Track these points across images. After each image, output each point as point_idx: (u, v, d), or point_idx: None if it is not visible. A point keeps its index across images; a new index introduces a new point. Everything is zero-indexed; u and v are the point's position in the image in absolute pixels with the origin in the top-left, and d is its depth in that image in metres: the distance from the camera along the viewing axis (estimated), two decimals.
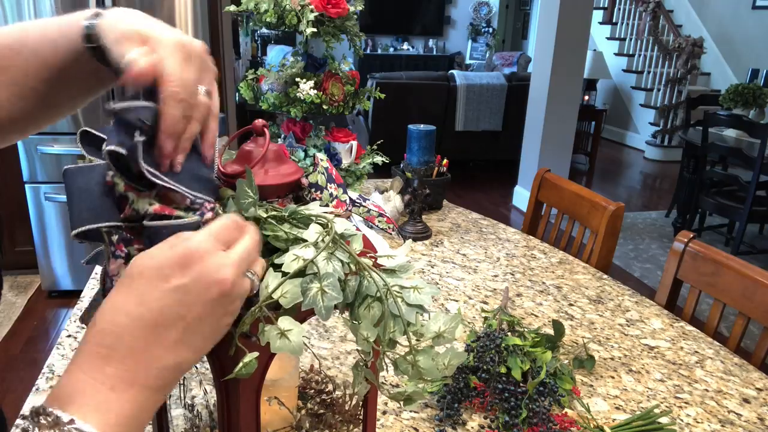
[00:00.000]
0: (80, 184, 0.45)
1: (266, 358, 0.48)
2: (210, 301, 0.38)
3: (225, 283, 0.39)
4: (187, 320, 0.38)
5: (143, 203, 0.43)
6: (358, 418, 0.70)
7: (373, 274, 0.46)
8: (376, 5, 8.32)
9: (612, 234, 1.49)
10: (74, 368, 0.37)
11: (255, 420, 0.49)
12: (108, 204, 0.44)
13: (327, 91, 1.45)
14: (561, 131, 4.26)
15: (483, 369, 0.88)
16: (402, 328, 0.45)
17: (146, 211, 0.43)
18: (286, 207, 0.49)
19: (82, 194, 0.44)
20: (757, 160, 3.20)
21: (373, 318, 0.45)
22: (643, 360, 1.03)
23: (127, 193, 0.43)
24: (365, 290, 0.45)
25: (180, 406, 0.81)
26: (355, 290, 0.45)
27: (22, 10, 2.44)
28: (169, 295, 0.38)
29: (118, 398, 0.36)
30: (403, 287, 0.46)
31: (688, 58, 6.07)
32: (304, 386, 0.77)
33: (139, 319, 0.37)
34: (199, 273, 0.38)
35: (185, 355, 0.38)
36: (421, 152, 1.52)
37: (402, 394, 0.47)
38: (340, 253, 0.46)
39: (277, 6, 1.39)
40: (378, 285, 0.45)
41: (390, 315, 0.45)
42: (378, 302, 0.45)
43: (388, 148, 1.75)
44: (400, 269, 0.48)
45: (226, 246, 0.41)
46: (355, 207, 0.60)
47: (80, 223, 0.43)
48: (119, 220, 0.44)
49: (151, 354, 0.37)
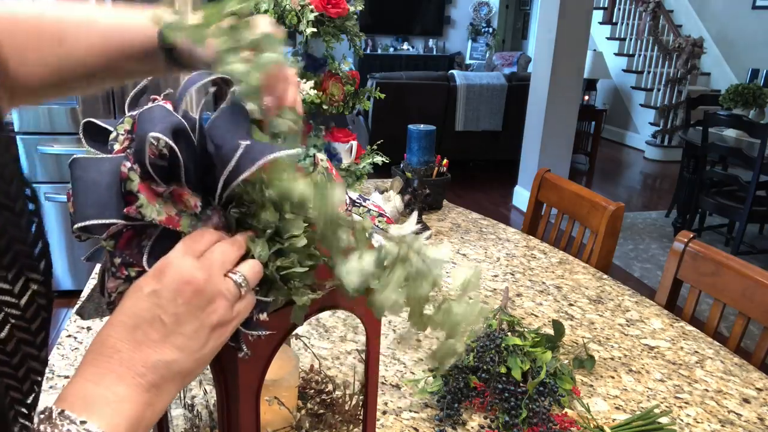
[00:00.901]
0: (88, 175, 0.44)
1: (266, 358, 0.48)
2: (184, 302, 0.41)
3: (195, 282, 0.41)
4: (164, 320, 0.40)
5: (151, 210, 0.43)
6: (358, 418, 0.70)
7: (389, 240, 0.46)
8: (376, 5, 8.32)
9: (612, 234, 1.49)
10: (78, 378, 0.39)
11: (255, 420, 0.49)
12: (114, 199, 0.44)
13: (327, 91, 1.45)
14: (561, 131, 4.26)
15: (483, 369, 0.88)
16: (430, 281, 0.45)
17: (153, 220, 0.43)
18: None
19: (88, 186, 0.44)
20: (757, 160, 3.20)
21: (399, 281, 0.45)
22: (643, 360, 1.03)
23: (139, 193, 0.43)
24: (384, 257, 0.46)
25: (180, 406, 0.81)
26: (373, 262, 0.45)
27: None
28: (144, 299, 0.41)
29: (120, 400, 0.38)
30: (420, 247, 0.47)
31: (688, 58, 6.07)
32: (304, 386, 0.77)
33: (121, 324, 0.40)
34: (170, 277, 0.41)
35: (172, 354, 0.40)
36: (421, 152, 1.52)
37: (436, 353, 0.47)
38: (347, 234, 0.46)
39: (277, 6, 1.39)
40: (399, 246, 0.46)
41: (417, 271, 0.45)
42: (400, 264, 0.45)
43: (388, 148, 1.75)
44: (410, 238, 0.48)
45: (200, 253, 0.43)
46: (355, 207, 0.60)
47: (84, 218, 0.43)
48: (123, 217, 0.43)
49: (138, 353, 0.40)
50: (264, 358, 0.48)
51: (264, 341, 0.47)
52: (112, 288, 0.44)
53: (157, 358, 0.40)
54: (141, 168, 0.43)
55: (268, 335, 0.46)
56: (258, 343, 0.46)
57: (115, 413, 0.37)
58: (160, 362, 0.40)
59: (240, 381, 0.46)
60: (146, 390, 0.39)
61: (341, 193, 0.45)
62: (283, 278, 0.45)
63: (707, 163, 3.72)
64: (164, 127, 0.42)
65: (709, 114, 3.51)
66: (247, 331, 0.45)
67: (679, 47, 6.16)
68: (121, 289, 0.44)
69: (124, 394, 0.38)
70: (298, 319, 0.47)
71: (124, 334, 0.40)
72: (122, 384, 0.38)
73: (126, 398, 0.38)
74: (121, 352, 0.39)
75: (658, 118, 6.52)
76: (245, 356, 0.45)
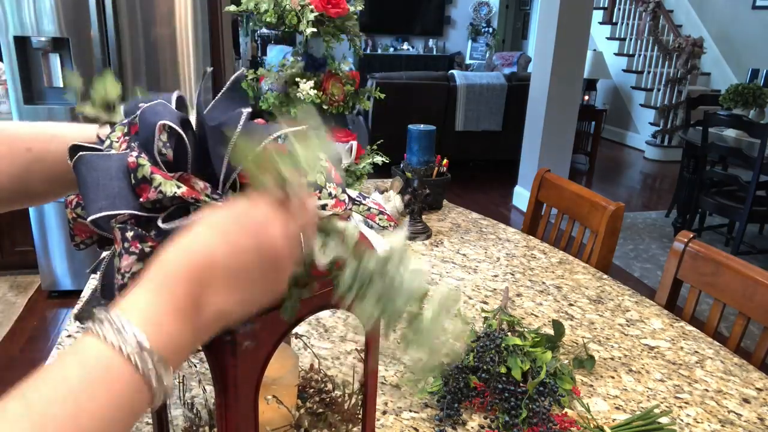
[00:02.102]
0: (96, 171, 0.45)
1: (265, 356, 0.48)
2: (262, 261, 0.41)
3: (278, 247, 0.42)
4: (236, 271, 0.40)
5: (170, 186, 0.43)
6: (358, 417, 0.70)
7: (370, 253, 0.46)
8: (376, 5, 8.32)
9: (612, 234, 1.49)
10: (137, 292, 0.38)
11: (254, 418, 0.49)
12: (125, 192, 0.44)
13: (327, 91, 1.45)
14: (561, 131, 4.26)
15: (483, 369, 0.88)
16: (404, 298, 0.45)
17: (174, 193, 0.43)
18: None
19: (98, 182, 0.44)
20: (757, 160, 3.20)
21: (376, 293, 0.45)
22: (643, 360, 1.03)
23: (153, 175, 0.43)
24: (363, 269, 0.46)
25: (180, 405, 0.81)
26: (355, 273, 0.46)
27: (22, 10, 2.44)
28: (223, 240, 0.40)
29: (170, 330, 0.37)
30: (401, 258, 0.47)
31: (688, 58, 6.07)
32: (303, 385, 0.77)
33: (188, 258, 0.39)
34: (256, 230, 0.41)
35: (230, 305, 0.40)
36: (421, 152, 1.52)
37: (417, 363, 0.47)
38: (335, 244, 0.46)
39: (277, 6, 1.39)
40: (377, 259, 0.46)
41: (393, 285, 0.45)
42: (379, 277, 0.45)
43: (388, 148, 1.75)
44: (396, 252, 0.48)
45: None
46: (355, 206, 0.60)
47: (97, 210, 0.43)
48: (137, 208, 0.44)
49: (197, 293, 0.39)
50: (263, 357, 0.48)
51: (264, 340, 0.47)
52: (126, 267, 0.43)
53: (216, 305, 0.39)
54: (148, 155, 0.44)
55: (268, 336, 0.46)
56: (258, 341, 0.46)
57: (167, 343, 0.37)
58: (215, 310, 0.39)
59: (239, 379, 0.46)
60: (197, 331, 0.39)
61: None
62: None
63: (707, 163, 3.72)
64: (172, 117, 0.44)
65: (709, 114, 3.51)
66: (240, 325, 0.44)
67: (679, 47, 6.16)
68: (135, 268, 0.43)
69: (175, 329, 0.37)
70: (287, 315, 0.47)
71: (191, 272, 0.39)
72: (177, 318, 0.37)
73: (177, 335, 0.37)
74: (183, 289, 0.38)
75: (658, 118, 6.52)
76: (249, 346, 0.45)
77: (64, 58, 2.56)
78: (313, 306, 0.51)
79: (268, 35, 6.96)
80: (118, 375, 0.34)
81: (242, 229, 0.41)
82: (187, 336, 0.38)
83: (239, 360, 0.46)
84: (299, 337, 0.87)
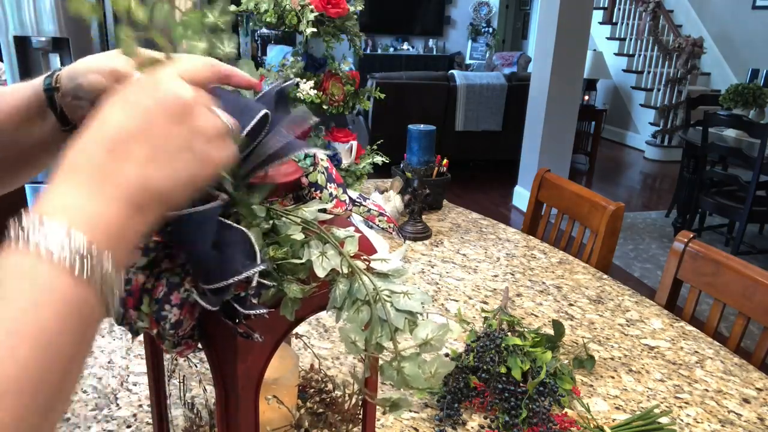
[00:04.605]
0: None
1: (265, 356, 0.48)
2: (171, 116, 0.39)
3: (183, 97, 0.39)
4: (149, 135, 0.38)
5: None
6: (358, 417, 0.70)
7: (364, 278, 0.45)
8: (376, 5, 8.32)
9: (612, 234, 1.49)
10: (54, 189, 0.36)
11: (254, 418, 0.49)
12: None
13: (327, 91, 1.45)
14: (561, 131, 4.26)
15: (483, 369, 0.88)
16: (389, 333, 0.44)
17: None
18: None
19: None
20: (757, 160, 3.20)
21: (362, 322, 0.45)
22: (643, 360, 1.03)
23: None
24: (355, 293, 0.45)
25: (180, 405, 0.81)
26: (345, 293, 0.45)
27: (22, 10, 2.44)
28: (128, 110, 0.38)
29: (100, 211, 0.36)
30: (394, 292, 0.45)
31: (688, 58, 6.07)
32: (303, 385, 0.77)
33: (101, 135, 0.38)
34: (155, 90, 0.39)
35: (155, 174, 0.38)
36: (421, 152, 1.52)
37: (387, 400, 0.46)
38: (333, 255, 0.46)
39: (277, 6, 1.39)
40: (367, 288, 0.45)
41: (378, 319, 0.44)
42: (367, 306, 0.45)
43: (388, 148, 1.75)
44: (394, 273, 0.48)
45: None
46: (355, 206, 0.60)
47: None
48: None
49: (118, 166, 0.37)
50: (263, 356, 0.48)
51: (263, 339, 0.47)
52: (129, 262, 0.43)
53: (141, 176, 0.37)
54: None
55: (268, 335, 0.46)
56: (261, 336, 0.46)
57: (98, 226, 0.35)
58: (143, 181, 0.37)
59: (239, 379, 0.46)
60: (126, 206, 0.37)
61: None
62: (277, 269, 0.45)
63: (707, 163, 3.72)
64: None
65: (709, 114, 3.51)
66: (245, 310, 0.44)
67: (679, 47, 6.16)
68: (139, 263, 0.43)
69: (105, 208, 0.36)
70: (288, 313, 0.46)
71: (105, 145, 0.37)
72: (110, 202, 0.36)
73: (107, 213, 0.36)
74: (103, 167, 0.37)
75: (658, 118, 6.52)
76: (257, 340, 0.44)
77: (64, 58, 2.56)
78: (313, 306, 0.51)
79: (268, 35, 6.96)
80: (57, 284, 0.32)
81: (140, 91, 0.39)
82: (113, 210, 0.36)
83: (239, 360, 0.46)
84: (299, 337, 0.87)
